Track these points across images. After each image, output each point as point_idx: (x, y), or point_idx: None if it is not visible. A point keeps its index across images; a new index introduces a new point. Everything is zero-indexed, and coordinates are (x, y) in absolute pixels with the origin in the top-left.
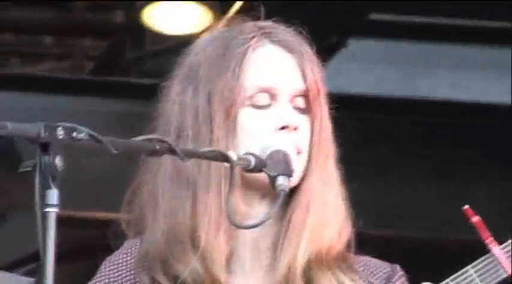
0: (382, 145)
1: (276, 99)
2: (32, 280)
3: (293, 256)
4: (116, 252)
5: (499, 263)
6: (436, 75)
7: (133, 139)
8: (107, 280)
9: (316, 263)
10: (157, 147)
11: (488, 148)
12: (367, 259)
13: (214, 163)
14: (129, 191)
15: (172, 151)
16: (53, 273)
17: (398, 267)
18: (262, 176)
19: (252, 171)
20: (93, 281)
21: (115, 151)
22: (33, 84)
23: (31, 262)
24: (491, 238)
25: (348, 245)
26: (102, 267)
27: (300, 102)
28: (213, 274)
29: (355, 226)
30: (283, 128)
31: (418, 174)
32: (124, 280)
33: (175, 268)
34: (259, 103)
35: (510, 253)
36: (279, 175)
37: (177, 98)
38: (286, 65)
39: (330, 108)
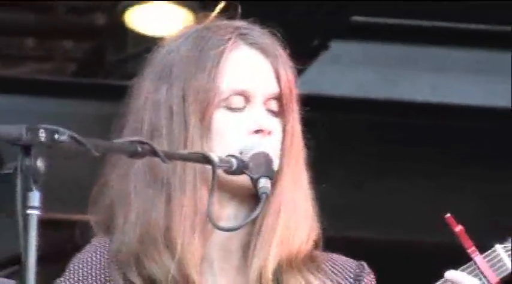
0: (365, 147)
1: (250, 101)
2: (13, 282)
3: (264, 260)
4: (84, 250)
5: (481, 272)
6: (417, 78)
7: (115, 141)
8: (76, 278)
9: (286, 266)
10: (139, 149)
11: (469, 149)
12: (334, 257)
13: (189, 164)
14: (95, 190)
15: (154, 153)
16: (34, 275)
17: (365, 265)
18: (234, 178)
19: (233, 173)
20: (62, 279)
21: (97, 153)
22: (15, 86)
23: (12, 264)
24: (474, 248)
25: (316, 245)
26: (71, 265)
27: (273, 105)
28: (188, 277)
29: (323, 226)
30: (257, 131)
31: (399, 175)
32: (95, 278)
33: (149, 268)
34: (234, 106)
35: (492, 262)
36: (261, 177)
37: (150, 96)
38: (261, 68)
39: (310, 110)
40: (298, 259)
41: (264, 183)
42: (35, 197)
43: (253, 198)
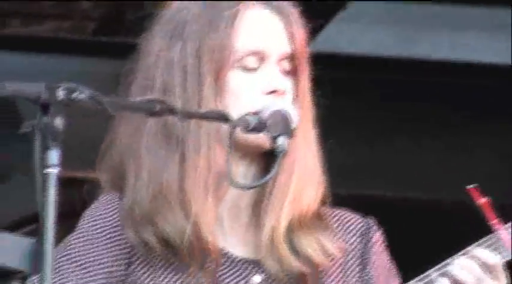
0: (383, 106)
1: (264, 62)
2: (32, 240)
3: (276, 219)
4: (93, 206)
5: (504, 245)
6: (436, 36)
7: (133, 99)
8: (89, 236)
9: (297, 226)
10: (157, 108)
11: (489, 108)
12: (341, 213)
13: (203, 124)
14: (104, 145)
15: (172, 111)
16: (53, 233)
17: (372, 221)
18: (246, 137)
19: (251, 131)
20: (74, 237)
21: (114, 112)
22: (34, 44)
23: (31, 222)
24: (497, 220)
25: (323, 201)
26: (81, 222)
27: (286, 65)
28: (202, 238)
29: (334, 184)
30: (271, 92)
31: (418, 135)
32: (107, 236)
33: (162, 228)
34: (248, 66)
35: None
36: (279, 135)
37: (162, 54)
38: (274, 27)
39: (326, 68)
40: (308, 218)
41: (282, 141)
42: (53, 155)
43: (262, 157)
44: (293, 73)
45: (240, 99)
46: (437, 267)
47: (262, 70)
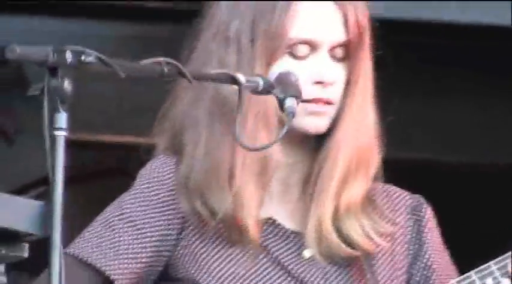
0: (392, 69)
1: (315, 50)
2: (41, 203)
3: (323, 203)
4: (150, 167)
5: None
6: None
7: (142, 61)
8: (142, 198)
9: (343, 212)
10: (166, 70)
11: (495, 69)
12: (389, 189)
13: (252, 106)
14: (164, 109)
15: (181, 73)
16: (61, 196)
17: (422, 199)
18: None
19: (260, 93)
20: (128, 197)
21: (123, 74)
22: (42, 7)
23: (41, 185)
24: None
25: (375, 178)
26: (137, 182)
27: (339, 52)
28: (240, 218)
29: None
30: (318, 82)
31: (429, 96)
32: (162, 200)
33: (210, 203)
34: (299, 54)
35: None
36: (287, 97)
37: (221, 28)
38: (330, 16)
39: None
40: (357, 203)
41: (290, 103)
42: (62, 118)
43: (309, 141)
44: (347, 59)
45: None
46: (497, 260)
47: (312, 58)
